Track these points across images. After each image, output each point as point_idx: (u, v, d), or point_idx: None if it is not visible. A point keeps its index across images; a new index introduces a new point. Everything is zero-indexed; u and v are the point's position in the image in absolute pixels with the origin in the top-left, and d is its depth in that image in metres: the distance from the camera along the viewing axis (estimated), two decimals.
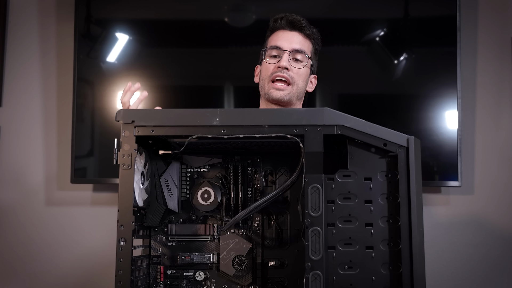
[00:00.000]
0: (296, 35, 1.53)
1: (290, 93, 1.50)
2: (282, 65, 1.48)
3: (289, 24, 1.53)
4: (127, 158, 1.02)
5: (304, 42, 1.54)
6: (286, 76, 1.48)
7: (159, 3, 2.17)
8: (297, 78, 1.50)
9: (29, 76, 2.26)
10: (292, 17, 1.53)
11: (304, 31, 1.53)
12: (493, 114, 2.15)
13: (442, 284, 2.09)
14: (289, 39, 1.52)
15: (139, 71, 2.15)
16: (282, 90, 1.49)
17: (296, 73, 1.50)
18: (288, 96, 1.50)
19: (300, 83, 1.52)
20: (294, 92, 1.51)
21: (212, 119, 1.02)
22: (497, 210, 2.11)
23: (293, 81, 1.50)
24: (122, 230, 1.00)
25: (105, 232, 2.14)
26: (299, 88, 1.52)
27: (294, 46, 1.51)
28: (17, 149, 2.23)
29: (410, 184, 0.99)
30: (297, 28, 1.53)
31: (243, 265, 1.14)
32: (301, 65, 1.51)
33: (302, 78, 1.52)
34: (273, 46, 1.53)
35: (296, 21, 1.53)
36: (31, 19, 2.28)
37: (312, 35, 1.55)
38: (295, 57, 1.51)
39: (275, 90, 1.49)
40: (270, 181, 1.20)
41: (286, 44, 1.51)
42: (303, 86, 1.54)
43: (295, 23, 1.53)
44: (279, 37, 1.53)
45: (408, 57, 2.11)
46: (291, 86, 1.50)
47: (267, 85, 1.51)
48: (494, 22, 2.18)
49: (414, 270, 0.97)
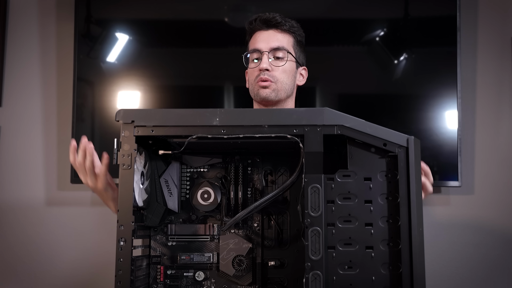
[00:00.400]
0: (273, 33, 1.51)
1: (275, 90, 1.49)
2: (262, 68, 1.48)
3: (264, 23, 1.51)
4: (127, 158, 1.02)
5: (283, 37, 1.52)
6: (268, 78, 1.48)
7: (159, 3, 2.17)
8: (280, 76, 1.50)
9: (29, 76, 2.26)
10: (266, 15, 1.52)
11: (280, 27, 1.51)
12: (493, 114, 2.15)
13: (442, 284, 2.09)
14: (266, 39, 1.51)
15: (139, 71, 2.15)
16: (267, 88, 1.48)
17: (278, 71, 1.50)
18: (274, 93, 1.49)
19: (285, 79, 1.51)
20: (280, 89, 1.50)
21: (212, 119, 1.02)
22: (497, 210, 2.11)
23: (276, 79, 1.49)
24: (122, 230, 1.00)
25: (105, 232, 2.14)
26: (285, 84, 1.51)
27: (271, 45, 1.50)
28: (17, 149, 2.23)
29: (410, 184, 0.99)
30: (272, 25, 1.51)
31: (243, 265, 1.14)
32: (282, 62, 1.50)
33: (286, 75, 1.51)
34: (252, 50, 1.52)
35: (270, 19, 1.51)
36: (31, 19, 2.28)
37: (291, 28, 1.53)
38: (275, 56, 1.50)
39: (261, 89, 1.49)
40: (270, 181, 1.20)
41: (263, 45, 1.50)
42: (289, 82, 1.52)
43: (270, 21, 1.51)
44: (257, 39, 1.52)
45: (408, 57, 2.10)
46: (274, 83, 1.49)
47: (255, 87, 1.51)
48: (494, 22, 2.18)
49: (414, 270, 0.97)
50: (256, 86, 1.50)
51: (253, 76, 1.52)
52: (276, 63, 1.50)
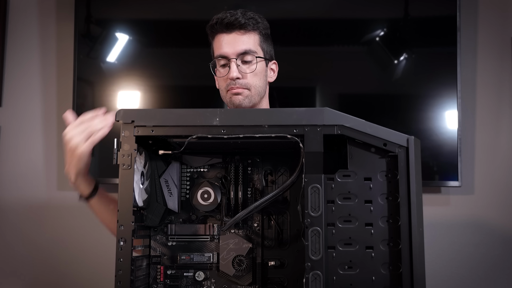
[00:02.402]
0: (237, 36, 1.41)
1: (248, 96, 1.42)
2: (231, 77, 1.40)
3: (226, 27, 1.41)
4: (127, 158, 1.02)
5: (249, 38, 1.42)
6: (240, 86, 1.41)
7: (159, 3, 2.17)
8: (252, 80, 1.43)
9: (29, 76, 2.26)
10: (227, 18, 1.41)
11: (244, 28, 1.41)
12: (493, 114, 2.15)
13: (442, 284, 2.09)
14: (230, 42, 1.41)
15: (139, 71, 2.15)
16: (240, 94, 1.42)
17: (249, 76, 1.42)
18: (247, 99, 1.42)
19: (257, 83, 1.44)
20: (253, 94, 1.43)
21: (212, 119, 1.02)
22: (497, 210, 2.11)
23: (249, 86, 1.42)
24: (122, 230, 1.00)
25: (105, 232, 2.14)
26: (258, 87, 1.44)
27: (237, 49, 1.41)
28: (17, 149, 2.23)
29: (410, 184, 0.99)
30: (236, 28, 1.41)
31: (243, 265, 1.14)
32: (253, 66, 1.42)
33: (258, 77, 1.44)
34: (218, 56, 1.43)
35: (232, 22, 1.41)
36: (31, 19, 2.28)
37: (255, 25, 1.43)
38: (243, 60, 1.42)
39: (234, 96, 1.42)
40: (270, 181, 1.20)
41: (229, 50, 1.41)
42: (261, 84, 1.45)
43: (232, 24, 1.41)
44: (221, 44, 1.42)
45: (408, 57, 2.10)
46: (248, 90, 1.42)
47: (226, 94, 1.44)
48: (494, 22, 2.18)
49: (414, 270, 0.97)
50: (228, 94, 1.43)
51: (223, 84, 1.44)
52: (245, 68, 1.42)
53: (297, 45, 2.12)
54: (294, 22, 2.13)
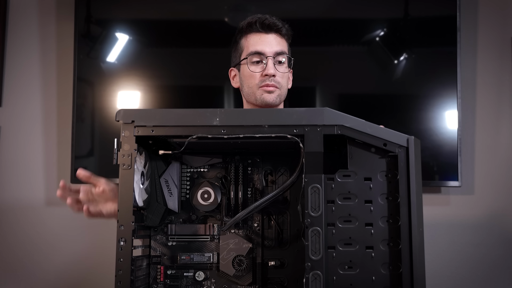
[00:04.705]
0: (273, 37, 1.49)
1: (280, 95, 1.49)
2: (270, 73, 1.46)
3: (265, 27, 1.48)
4: (127, 158, 1.02)
5: (283, 42, 1.51)
6: (274, 84, 1.47)
7: (159, 3, 2.17)
8: (282, 81, 1.49)
9: (29, 76, 2.26)
10: (267, 20, 1.48)
11: (280, 32, 1.50)
12: (493, 114, 2.15)
13: (442, 284, 2.09)
14: (269, 42, 1.48)
15: (139, 71, 2.15)
16: (273, 93, 1.47)
17: (281, 76, 1.49)
18: (279, 99, 1.49)
19: (285, 84, 1.51)
20: (283, 94, 1.50)
21: (212, 119, 1.02)
22: (497, 210, 2.11)
23: (280, 86, 1.48)
24: (122, 230, 1.00)
25: (105, 232, 2.14)
26: (285, 89, 1.51)
27: (275, 49, 1.48)
28: (17, 149, 2.23)
29: (410, 184, 0.99)
30: (273, 30, 1.49)
31: (243, 265, 1.14)
32: (284, 67, 1.50)
33: (285, 79, 1.51)
34: (253, 52, 1.48)
35: (272, 24, 1.48)
36: (31, 19, 2.28)
37: (287, 33, 1.52)
38: (278, 60, 1.49)
39: (267, 94, 1.47)
40: (270, 181, 1.20)
41: (267, 49, 1.47)
42: (286, 86, 1.53)
43: (272, 26, 1.48)
44: (258, 42, 1.48)
45: (408, 57, 2.10)
46: (279, 89, 1.48)
47: (257, 91, 1.48)
48: (494, 22, 2.18)
49: (414, 270, 0.97)
50: (260, 90, 1.48)
51: (255, 80, 1.49)
52: (279, 68, 1.49)
53: (297, 45, 2.11)
54: (294, 22, 2.12)
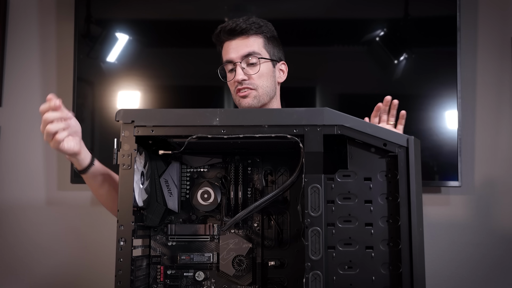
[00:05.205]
0: (239, 41, 1.48)
1: (256, 96, 1.48)
2: (237, 80, 1.46)
3: (229, 34, 1.48)
4: (127, 158, 1.02)
5: (252, 42, 1.48)
6: (246, 87, 1.47)
7: (159, 3, 2.17)
8: (258, 81, 1.48)
9: (29, 76, 2.26)
10: (229, 25, 1.48)
11: (246, 33, 1.48)
12: (493, 114, 2.15)
13: (442, 284, 2.09)
14: (235, 48, 1.48)
15: (139, 71, 2.15)
16: (248, 97, 1.47)
17: (256, 77, 1.47)
18: (256, 100, 1.48)
19: (264, 83, 1.49)
20: (261, 94, 1.48)
21: (212, 119, 1.02)
22: (497, 210, 2.11)
23: (256, 86, 1.47)
24: (122, 230, 1.00)
25: (105, 232, 2.14)
26: (265, 87, 1.49)
27: (241, 53, 1.47)
28: (17, 149, 2.23)
29: (410, 184, 0.99)
30: (237, 34, 1.48)
31: (243, 265, 1.14)
32: (257, 67, 1.47)
33: (264, 78, 1.49)
34: (225, 62, 1.50)
35: (234, 28, 1.47)
36: (31, 19, 2.28)
37: (257, 29, 1.49)
38: (248, 63, 1.47)
39: (242, 99, 1.48)
40: (270, 181, 1.20)
41: (234, 55, 1.47)
42: (269, 84, 1.50)
43: (234, 30, 1.47)
44: (227, 50, 1.49)
45: (408, 57, 2.10)
46: (255, 90, 1.47)
47: (236, 97, 1.51)
48: (494, 22, 2.18)
49: (414, 270, 0.97)
50: (237, 97, 1.50)
51: (232, 88, 1.51)
52: (250, 70, 1.47)
53: (297, 45, 2.12)
54: (294, 22, 2.14)
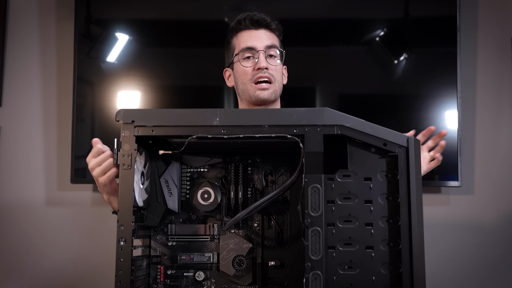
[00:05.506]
0: (263, 32, 1.49)
1: (274, 91, 1.48)
2: (262, 66, 1.45)
3: (254, 23, 1.49)
4: (127, 158, 1.02)
5: (273, 37, 1.51)
6: (268, 76, 1.46)
7: (159, 3, 2.17)
8: (276, 74, 1.49)
9: (29, 76, 2.26)
10: (256, 16, 1.50)
11: (270, 27, 1.50)
12: (493, 114, 2.15)
13: (442, 284, 2.09)
14: (259, 37, 1.48)
15: (139, 71, 2.15)
16: (267, 89, 1.46)
17: (274, 70, 1.48)
18: (274, 94, 1.48)
19: (279, 79, 1.50)
20: (277, 89, 1.49)
21: (212, 119, 1.02)
22: (497, 210, 2.11)
23: (274, 79, 1.48)
24: (122, 230, 1.00)
25: (105, 232, 2.14)
26: (279, 84, 1.51)
27: (266, 43, 1.48)
28: (17, 149, 2.23)
29: (410, 184, 0.99)
30: (263, 25, 1.49)
31: (243, 265, 1.14)
32: (277, 61, 1.49)
33: (279, 74, 1.51)
34: (245, 48, 1.48)
35: (261, 19, 1.49)
36: (31, 19, 2.28)
37: (277, 28, 1.53)
38: (269, 54, 1.48)
39: (261, 91, 1.46)
40: (270, 181, 1.20)
41: (257, 43, 1.48)
42: (281, 81, 1.52)
43: (261, 21, 1.49)
44: (248, 38, 1.49)
45: (408, 57, 2.10)
46: (273, 84, 1.48)
47: (251, 87, 1.47)
48: (494, 22, 2.18)
49: (414, 270, 0.97)
50: (253, 87, 1.47)
51: (247, 75, 1.48)
52: (271, 61, 1.48)
53: (297, 45, 2.12)
54: (294, 22, 2.13)
